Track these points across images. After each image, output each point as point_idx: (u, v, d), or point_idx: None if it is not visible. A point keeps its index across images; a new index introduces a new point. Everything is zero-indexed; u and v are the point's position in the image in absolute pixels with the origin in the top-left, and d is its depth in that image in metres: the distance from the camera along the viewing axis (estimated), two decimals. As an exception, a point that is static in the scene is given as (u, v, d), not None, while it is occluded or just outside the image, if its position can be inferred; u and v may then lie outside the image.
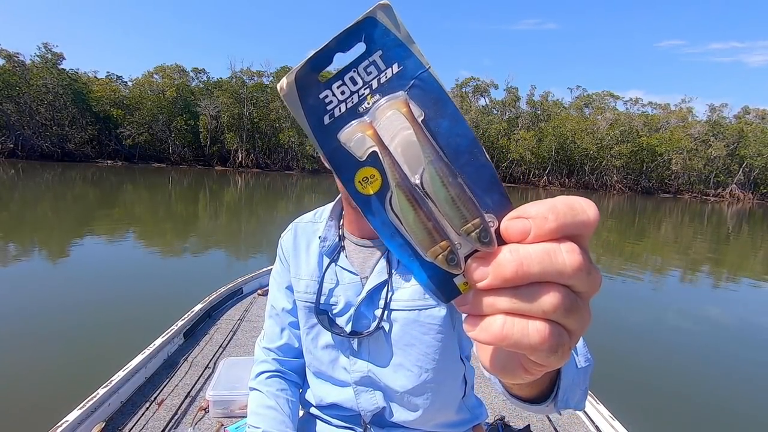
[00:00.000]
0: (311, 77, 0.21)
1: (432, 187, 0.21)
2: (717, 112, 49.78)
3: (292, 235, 0.89)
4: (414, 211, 0.21)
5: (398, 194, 0.21)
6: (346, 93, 0.21)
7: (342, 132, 0.21)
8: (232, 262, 6.65)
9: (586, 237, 0.22)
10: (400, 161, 0.21)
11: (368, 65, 0.21)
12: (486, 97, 48.21)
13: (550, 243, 0.21)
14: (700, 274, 7.98)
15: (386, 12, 0.20)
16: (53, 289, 4.59)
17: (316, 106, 0.21)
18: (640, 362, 3.67)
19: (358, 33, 0.20)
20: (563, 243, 0.21)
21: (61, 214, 10.04)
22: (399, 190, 0.21)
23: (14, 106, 32.32)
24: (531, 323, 0.21)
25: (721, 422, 2.84)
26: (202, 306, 2.69)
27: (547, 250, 0.20)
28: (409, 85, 0.20)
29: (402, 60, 0.20)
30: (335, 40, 0.20)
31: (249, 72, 44.58)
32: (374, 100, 0.21)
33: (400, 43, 0.20)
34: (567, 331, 0.22)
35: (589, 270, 0.21)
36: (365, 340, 0.80)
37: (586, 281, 0.21)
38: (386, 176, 0.21)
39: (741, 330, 4.89)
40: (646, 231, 14.85)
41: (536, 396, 0.45)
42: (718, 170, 46.13)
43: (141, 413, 1.71)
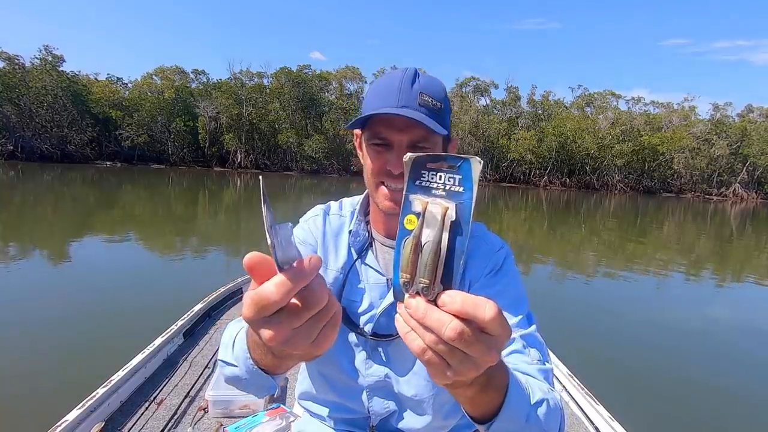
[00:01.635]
0: (424, 165, 0.33)
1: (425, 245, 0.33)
2: (720, 111, 49.66)
3: (321, 221, 0.85)
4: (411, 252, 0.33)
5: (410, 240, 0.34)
6: (431, 177, 0.33)
7: (415, 196, 0.34)
8: (232, 262, 6.64)
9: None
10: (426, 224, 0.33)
11: (450, 177, 0.33)
12: (486, 97, 48.17)
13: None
14: (703, 274, 7.89)
15: (475, 162, 0.33)
16: (53, 289, 4.57)
17: (417, 174, 0.33)
18: (639, 363, 3.64)
19: (457, 160, 0.33)
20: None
21: (61, 215, 10.04)
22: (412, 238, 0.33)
23: (14, 108, 32.29)
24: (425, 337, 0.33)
25: (721, 423, 2.83)
26: (201, 306, 2.69)
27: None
28: (460, 200, 0.33)
29: (465, 185, 0.33)
30: (448, 156, 0.33)
31: (249, 73, 44.58)
32: (439, 194, 0.33)
33: (469, 177, 0.33)
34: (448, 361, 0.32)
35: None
36: (384, 344, 0.77)
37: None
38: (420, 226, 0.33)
39: (743, 331, 4.85)
40: (648, 231, 14.75)
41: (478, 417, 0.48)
42: (721, 169, 45.94)
43: (140, 413, 1.71)
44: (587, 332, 4.42)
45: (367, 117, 0.68)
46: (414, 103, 0.66)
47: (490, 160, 45.72)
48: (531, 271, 7.20)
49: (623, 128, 43.94)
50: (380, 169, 0.71)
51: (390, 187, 0.71)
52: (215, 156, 40.72)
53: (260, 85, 43.36)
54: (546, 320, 4.17)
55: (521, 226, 13.88)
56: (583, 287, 6.49)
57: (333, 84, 46.01)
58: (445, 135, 0.70)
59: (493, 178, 45.69)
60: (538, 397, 0.53)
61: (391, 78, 0.69)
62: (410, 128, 0.67)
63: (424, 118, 0.65)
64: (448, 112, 0.73)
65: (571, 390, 2.10)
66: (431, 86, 0.69)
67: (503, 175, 46.13)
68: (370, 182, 0.75)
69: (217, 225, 10.48)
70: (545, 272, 7.36)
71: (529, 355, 0.66)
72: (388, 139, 0.69)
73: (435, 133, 0.67)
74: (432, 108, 0.67)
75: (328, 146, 40.36)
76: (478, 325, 0.31)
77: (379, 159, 0.71)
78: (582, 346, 3.81)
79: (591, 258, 8.87)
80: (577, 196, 34.37)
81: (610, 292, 6.34)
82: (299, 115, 42.05)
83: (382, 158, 0.70)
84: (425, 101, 0.67)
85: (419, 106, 0.66)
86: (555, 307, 5.07)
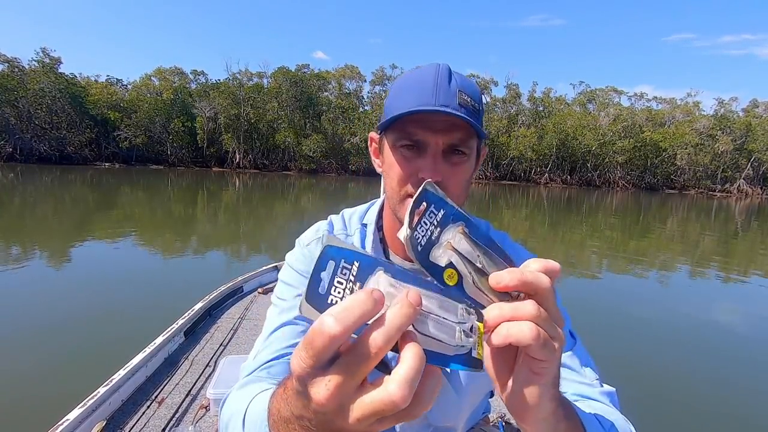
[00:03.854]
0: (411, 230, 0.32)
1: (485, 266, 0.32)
2: (725, 106, 49.24)
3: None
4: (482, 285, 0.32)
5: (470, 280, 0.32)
6: (424, 230, 0.32)
7: (432, 252, 0.32)
8: (232, 261, 6.63)
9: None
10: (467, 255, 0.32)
11: (430, 213, 0.32)
12: (487, 95, 47.85)
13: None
14: (708, 271, 7.75)
15: (431, 185, 0.33)
16: (54, 289, 4.57)
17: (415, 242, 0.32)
18: (644, 360, 3.62)
19: (420, 197, 0.32)
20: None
21: (60, 216, 10.02)
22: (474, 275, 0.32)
23: (12, 110, 32.31)
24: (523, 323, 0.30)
25: (726, 421, 2.80)
26: (202, 304, 2.70)
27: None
28: (451, 218, 0.33)
29: (444, 207, 0.33)
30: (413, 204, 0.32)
31: (248, 73, 44.42)
32: (438, 233, 0.32)
33: (441, 198, 0.33)
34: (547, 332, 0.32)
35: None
36: None
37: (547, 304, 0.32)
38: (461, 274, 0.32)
39: (749, 328, 4.80)
40: (651, 228, 14.55)
41: None
42: (725, 165, 45.53)
43: (142, 412, 1.71)
44: (590, 329, 4.40)
45: (399, 115, 0.58)
46: (454, 102, 0.58)
47: (490, 158, 45.50)
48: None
49: (625, 124, 43.58)
50: (408, 177, 0.61)
51: None
52: (214, 156, 40.66)
53: (258, 85, 43.25)
54: None
55: (522, 224, 13.70)
56: (586, 284, 6.45)
57: (332, 83, 45.85)
58: (483, 138, 0.64)
59: (493, 176, 45.45)
60: (608, 424, 0.51)
61: (425, 74, 0.61)
62: (450, 130, 0.59)
63: (469, 118, 0.58)
64: (483, 116, 0.65)
65: None
66: (469, 85, 0.61)
67: (503, 173, 45.86)
68: (394, 193, 0.63)
69: (217, 225, 10.41)
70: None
71: (585, 376, 0.63)
72: (422, 142, 0.60)
73: (476, 136, 0.61)
74: (472, 109, 0.60)
75: (326, 145, 40.21)
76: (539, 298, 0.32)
77: (410, 164, 0.61)
78: (586, 343, 3.71)
79: (593, 255, 8.78)
80: (579, 194, 34.09)
81: (613, 290, 6.28)
82: (298, 114, 41.91)
83: (414, 164, 0.60)
84: (465, 101, 0.59)
85: (459, 106, 0.58)
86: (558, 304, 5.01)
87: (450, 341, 0.29)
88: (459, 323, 0.30)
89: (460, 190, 0.62)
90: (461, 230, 0.33)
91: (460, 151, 0.61)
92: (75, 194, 15.32)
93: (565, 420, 0.39)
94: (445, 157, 0.60)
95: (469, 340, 0.30)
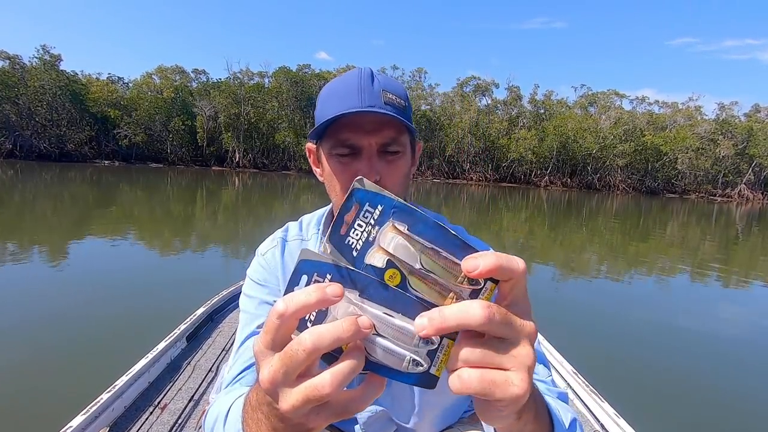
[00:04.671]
0: (337, 236, 0.30)
1: (427, 264, 0.30)
2: (726, 111, 49.14)
3: (280, 253, 0.76)
4: (425, 283, 0.30)
5: (412, 279, 0.30)
6: (359, 233, 0.30)
7: (366, 256, 0.30)
8: (233, 263, 6.60)
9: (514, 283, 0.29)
10: (402, 257, 0.30)
11: (365, 213, 0.30)
12: (487, 97, 47.83)
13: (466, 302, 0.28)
14: (709, 275, 7.74)
15: (360, 182, 0.31)
16: (54, 293, 4.52)
17: (348, 248, 0.30)
18: (645, 361, 3.63)
19: (350, 199, 0.30)
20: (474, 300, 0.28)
21: (60, 215, 9.95)
22: (412, 276, 0.30)
23: (13, 107, 32.31)
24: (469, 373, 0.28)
25: (727, 422, 2.82)
26: (204, 309, 2.70)
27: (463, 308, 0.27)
28: (392, 212, 0.30)
29: (381, 202, 0.30)
30: (339, 211, 0.30)
31: (249, 73, 44.43)
32: (375, 231, 0.30)
33: (375, 193, 0.30)
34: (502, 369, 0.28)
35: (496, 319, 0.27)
36: None
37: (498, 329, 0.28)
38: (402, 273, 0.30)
39: (748, 331, 4.83)
40: (652, 232, 14.47)
41: None
42: (726, 170, 45.40)
43: (145, 418, 1.71)
44: (592, 331, 4.41)
45: (329, 122, 0.60)
46: (380, 102, 0.60)
47: (490, 160, 45.43)
48: (533, 271, 7.13)
49: (626, 128, 43.48)
50: (349, 182, 0.63)
51: None
52: (213, 155, 40.64)
53: (259, 85, 43.29)
54: (549, 319, 3.83)
55: (522, 226, 13.61)
56: (587, 287, 6.44)
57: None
58: (414, 134, 0.66)
59: (493, 178, 45.37)
60: (570, 418, 0.52)
61: (348, 78, 0.63)
62: (380, 129, 0.61)
63: (397, 115, 0.60)
64: (411, 111, 0.67)
65: (576, 388, 2.10)
66: (392, 84, 0.64)
67: (503, 174, 45.77)
68: (339, 200, 0.66)
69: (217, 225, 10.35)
70: (547, 272, 7.25)
71: (538, 374, 0.63)
72: (355, 145, 0.62)
73: (406, 132, 0.63)
74: (398, 106, 0.62)
75: (327, 146, 40.12)
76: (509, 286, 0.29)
77: (347, 171, 0.62)
78: (587, 344, 3.81)
79: (594, 258, 8.74)
80: (579, 197, 34.00)
81: (614, 292, 6.26)
82: (298, 114, 41.88)
83: (351, 168, 0.62)
84: (390, 99, 0.61)
85: (385, 105, 0.60)
86: (558, 306, 5.05)
87: (397, 366, 0.29)
88: (414, 350, 0.29)
89: (399, 187, 0.64)
90: (391, 227, 0.30)
91: (393, 150, 0.62)
92: (74, 192, 15.27)
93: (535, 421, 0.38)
94: (381, 156, 0.62)
95: (418, 368, 0.29)
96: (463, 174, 45.44)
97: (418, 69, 49.75)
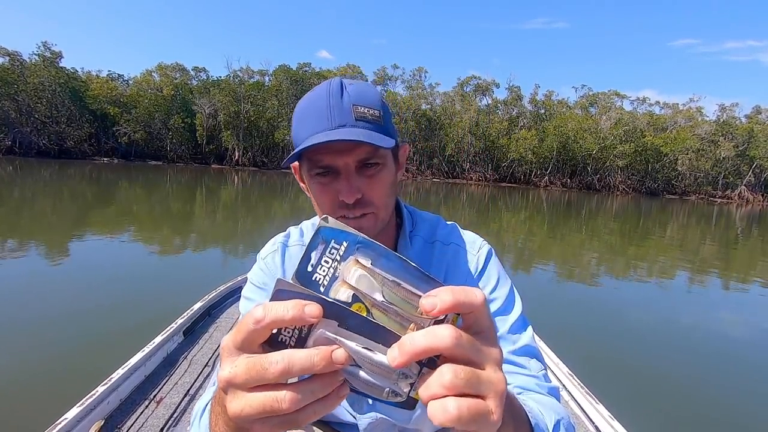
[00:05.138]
0: (304, 272, 0.31)
1: (388, 297, 0.30)
2: (727, 112, 49.06)
3: (280, 257, 0.76)
4: (386, 315, 0.30)
5: (374, 311, 0.30)
6: (325, 269, 0.31)
7: (330, 290, 0.31)
8: (231, 260, 6.59)
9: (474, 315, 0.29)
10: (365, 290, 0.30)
11: (330, 249, 0.31)
12: (488, 97, 47.76)
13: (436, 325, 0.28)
14: (707, 277, 7.70)
15: (325, 220, 0.32)
16: (52, 287, 4.53)
17: (315, 284, 0.31)
18: (641, 363, 3.63)
19: (317, 237, 0.31)
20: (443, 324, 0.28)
21: (58, 212, 9.93)
22: (375, 309, 0.31)
23: (12, 104, 32.24)
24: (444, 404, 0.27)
25: (723, 425, 2.83)
26: (201, 304, 2.69)
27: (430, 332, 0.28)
28: (356, 248, 0.31)
29: (346, 239, 0.31)
30: (307, 248, 0.31)
31: (249, 71, 44.34)
32: (341, 267, 0.31)
33: (340, 231, 0.31)
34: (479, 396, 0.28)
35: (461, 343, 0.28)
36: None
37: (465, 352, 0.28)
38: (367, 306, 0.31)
39: (746, 334, 4.82)
40: (651, 233, 14.43)
41: None
42: (726, 171, 45.37)
43: (140, 411, 1.71)
44: (587, 332, 4.40)
45: (298, 151, 0.59)
46: (350, 119, 0.58)
47: (490, 160, 45.38)
48: (531, 272, 7.09)
49: (626, 128, 43.42)
50: (333, 203, 0.62)
51: (350, 217, 0.62)
52: (213, 153, 40.59)
53: (259, 83, 43.20)
54: (546, 320, 3.77)
55: (521, 226, 13.58)
56: (584, 288, 6.41)
57: (333, 82, 45.75)
58: (395, 140, 0.63)
59: (492, 178, 45.33)
60: (554, 420, 0.51)
61: (316, 96, 0.61)
62: (355, 148, 0.59)
63: (367, 135, 0.57)
64: (389, 117, 0.64)
65: (572, 389, 2.09)
66: (363, 94, 0.61)
67: (503, 175, 45.72)
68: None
69: (216, 222, 10.34)
70: (545, 273, 7.21)
71: (529, 369, 0.63)
72: (332, 166, 0.60)
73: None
74: (371, 119, 0.59)
75: (327, 144, 40.10)
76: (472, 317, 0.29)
77: (328, 192, 0.62)
78: (582, 345, 3.80)
79: (592, 259, 8.70)
80: (579, 197, 33.96)
81: (611, 293, 6.25)
82: (298, 113, 41.84)
83: (332, 188, 0.61)
84: (361, 113, 0.59)
85: (357, 121, 0.58)
86: (554, 307, 5.03)
87: (378, 396, 0.30)
88: (393, 383, 0.29)
89: (384, 198, 0.63)
90: (354, 262, 0.31)
91: (373, 163, 0.60)
92: (74, 189, 15.23)
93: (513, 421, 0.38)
94: (360, 172, 0.60)
95: (397, 398, 0.30)
96: (463, 174, 45.40)
97: (419, 68, 49.69)
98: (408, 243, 0.72)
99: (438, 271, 0.71)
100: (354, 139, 0.55)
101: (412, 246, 0.73)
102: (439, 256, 0.72)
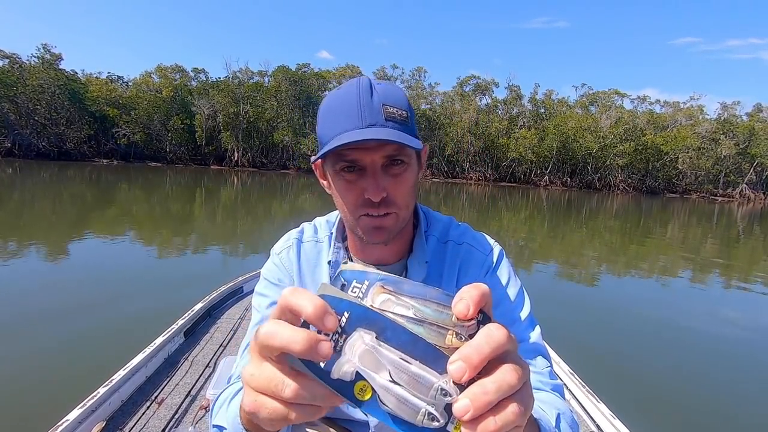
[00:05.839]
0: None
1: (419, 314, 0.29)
2: (728, 110, 48.97)
3: (295, 253, 0.76)
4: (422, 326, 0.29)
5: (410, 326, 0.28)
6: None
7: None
8: (231, 260, 6.63)
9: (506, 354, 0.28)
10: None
11: (353, 288, 0.31)
12: (488, 96, 47.69)
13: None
14: (709, 275, 7.69)
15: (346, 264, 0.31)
16: (53, 288, 4.53)
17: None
18: (643, 362, 3.62)
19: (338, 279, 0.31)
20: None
21: (59, 213, 9.93)
22: (410, 324, 0.29)
23: (12, 106, 32.24)
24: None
25: (722, 422, 2.82)
26: (202, 305, 2.70)
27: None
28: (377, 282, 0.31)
29: (366, 278, 0.31)
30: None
31: (249, 72, 44.31)
32: (365, 299, 0.30)
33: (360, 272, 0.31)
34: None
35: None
36: None
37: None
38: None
39: (747, 332, 4.80)
40: (652, 232, 14.40)
41: None
42: (727, 169, 45.22)
43: (141, 412, 1.71)
44: (588, 331, 4.40)
45: (328, 150, 0.59)
46: (380, 119, 0.58)
47: (490, 160, 45.32)
48: (532, 271, 7.07)
49: (626, 127, 43.34)
50: (357, 200, 0.62)
51: (373, 215, 0.62)
52: (212, 154, 40.59)
53: (258, 84, 43.20)
54: (547, 319, 3.70)
55: (521, 226, 13.55)
56: (585, 287, 6.47)
57: (332, 83, 45.72)
58: (421, 147, 0.64)
59: (492, 177, 45.27)
60: (554, 414, 0.53)
61: (347, 94, 0.60)
62: (383, 145, 0.59)
63: (397, 134, 0.58)
64: (414, 119, 0.65)
65: (573, 388, 2.09)
66: (392, 94, 0.61)
67: (503, 174, 45.67)
68: (347, 215, 0.66)
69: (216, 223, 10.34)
70: (546, 272, 7.20)
71: (536, 366, 0.64)
72: (358, 162, 0.60)
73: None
74: (399, 119, 0.60)
75: (326, 145, 40.09)
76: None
77: (354, 189, 0.62)
78: (583, 344, 3.80)
79: (593, 258, 8.68)
80: (579, 196, 33.89)
81: (612, 292, 6.26)
82: (297, 113, 41.79)
83: (358, 186, 0.61)
84: (391, 113, 0.59)
85: (386, 121, 0.59)
86: (556, 306, 5.03)
87: (411, 419, 0.27)
88: (431, 402, 0.27)
89: (407, 198, 0.64)
90: (379, 288, 0.31)
91: (399, 161, 0.61)
92: (74, 191, 15.24)
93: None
94: (386, 170, 0.61)
95: (433, 424, 0.27)
96: (463, 173, 45.35)
97: (418, 68, 49.68)
98: (424, 242, 0.73)
99: (451, 269, 0.72)
100: (387, 138, 0.56)
101: (428, 245, 0.73)
102: (452, 256, 0.73)
